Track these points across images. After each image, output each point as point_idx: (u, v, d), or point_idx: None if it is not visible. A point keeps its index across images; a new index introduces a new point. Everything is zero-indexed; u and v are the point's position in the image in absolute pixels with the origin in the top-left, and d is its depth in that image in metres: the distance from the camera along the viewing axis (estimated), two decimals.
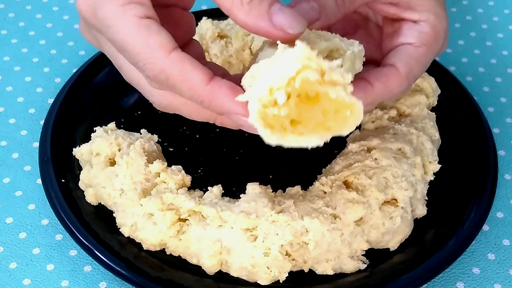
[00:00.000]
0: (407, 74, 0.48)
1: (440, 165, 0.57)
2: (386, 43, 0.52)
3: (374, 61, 0.52)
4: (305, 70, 0.39)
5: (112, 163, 0.56)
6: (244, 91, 0.42)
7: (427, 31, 0.50)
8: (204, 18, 0.66)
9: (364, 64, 0.49)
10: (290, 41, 0.42)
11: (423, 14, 0.50)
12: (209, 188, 0.55)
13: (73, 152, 0.58)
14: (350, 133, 0.44)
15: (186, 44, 0.50)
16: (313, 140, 0.41)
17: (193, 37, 0.51)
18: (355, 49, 0.43)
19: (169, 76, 0.43)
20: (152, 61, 0.43)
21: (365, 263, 0.53)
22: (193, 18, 0.51)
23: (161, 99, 0.46)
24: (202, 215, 0.52)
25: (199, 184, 0.57)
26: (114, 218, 0.54)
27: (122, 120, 0.63)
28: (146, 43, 0.43)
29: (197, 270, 0.52)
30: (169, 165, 0.56)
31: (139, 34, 0.43)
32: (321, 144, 0.41)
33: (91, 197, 0.56)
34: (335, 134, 0.41)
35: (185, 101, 0.45)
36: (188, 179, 0.56)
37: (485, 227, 0.57)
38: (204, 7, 0.76)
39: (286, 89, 0.39)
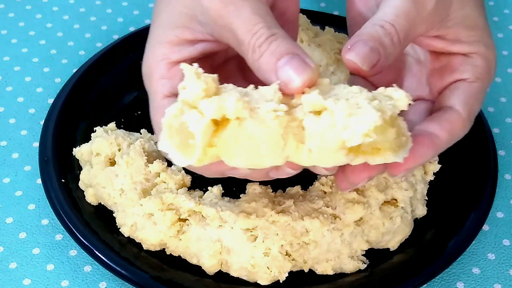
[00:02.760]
0: (469, 115, 0.46)
1: (440, 165, 0.57)
2: (435, 80, 0.49)
3: (419, 98, 0.50)
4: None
5: (112, 163, 0.56)
6: None
7: (480, 64, 0.47)
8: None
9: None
10: (295, 92, 0.41)
11: (473, 46, 0.47)
12: (209, 188, 0.55)
13: (73, 152, 0.58)
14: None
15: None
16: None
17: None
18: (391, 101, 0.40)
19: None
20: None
21: (365, 263, 0.53)
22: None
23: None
24: (202, 215, 0.52)
25: (199, 184, 0.57)
26: (114, 218, 0.54)
27: (122, 120, 0.63)
28: (158, 122, 0.44)
29: (197, 270, 0.52)
30: (169, 165, 0.56)
31: (158, 111, 0.45)
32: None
33: (91, 197, 0.56)
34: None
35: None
36: (188, 179, 0.56)
37: (485, 227, 0.57)
38: None
39: None
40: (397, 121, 0.40)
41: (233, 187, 0.56)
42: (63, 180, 0.56)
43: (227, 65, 0.50)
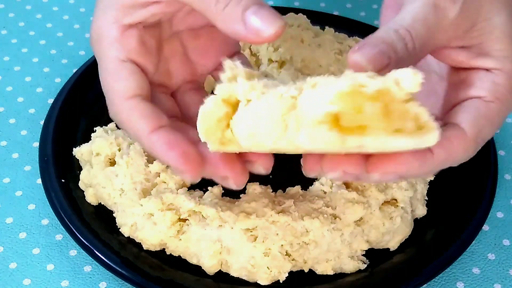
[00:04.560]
0: (475, 137, 0.41)
1: None
2: (449, 95, 0.44)
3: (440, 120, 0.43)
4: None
5: (112, 163, 0.56)
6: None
7: (502, 83, 0.41)
8: None
9: None
10: (265, 41, 0.41)
11: (498, 61, 0.42)
12: (209, 188, 0.55)
13: (73, 152, 0.58)
14: None
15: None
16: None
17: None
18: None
19: (120, 120, 0.45)
20: (111, 103, 0.45)
21: (365, 263, 0.53)
22: None
23: None
24: (202, 215, 0.52)
25: (199, 184, 0.57)
26: (114, 218, 0.54)
27: None
28: (112, 86, 0.45)
29: (197, 270, 0.52)
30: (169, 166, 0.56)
31: (111, 76, 0.45)
32: None
33: (91, 197, 0.56)
34: None
35: None
36: None
37: (485, 227, 0.57)
38: None
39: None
40: (407, 104, 0.36)
41: None
42: (63, 180, 0.56)
43: (172, 41, 0.49)
